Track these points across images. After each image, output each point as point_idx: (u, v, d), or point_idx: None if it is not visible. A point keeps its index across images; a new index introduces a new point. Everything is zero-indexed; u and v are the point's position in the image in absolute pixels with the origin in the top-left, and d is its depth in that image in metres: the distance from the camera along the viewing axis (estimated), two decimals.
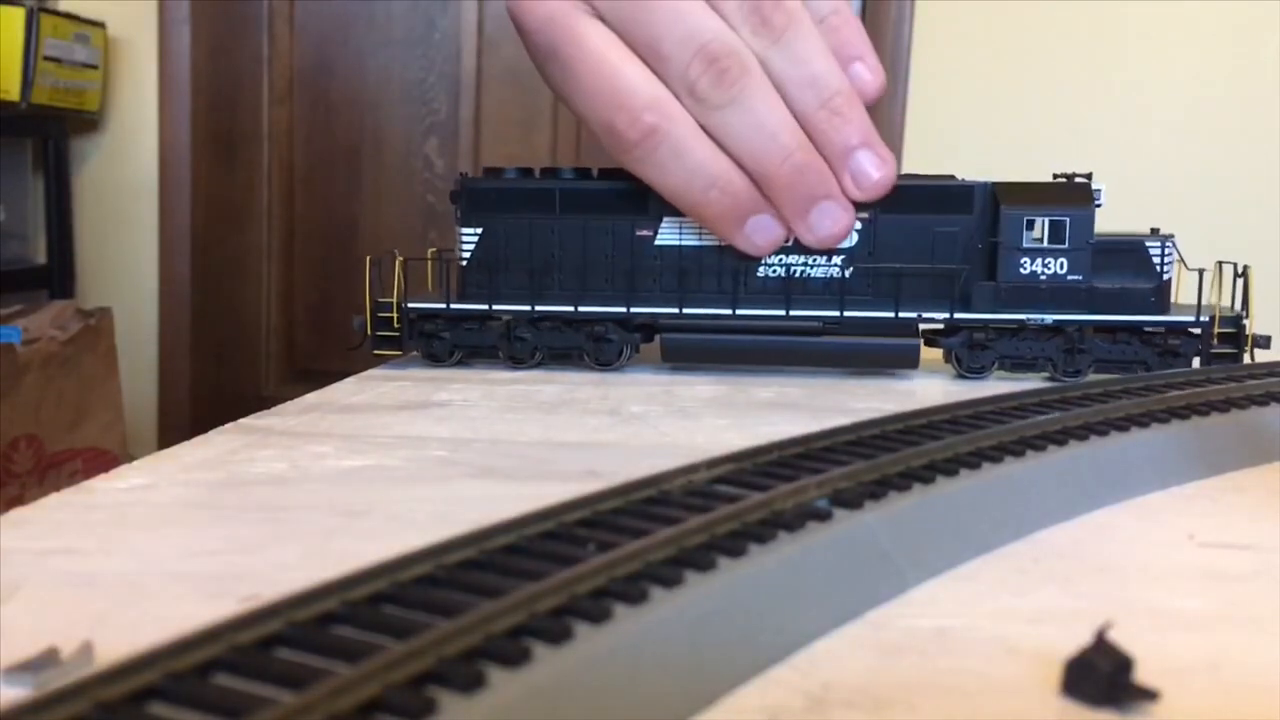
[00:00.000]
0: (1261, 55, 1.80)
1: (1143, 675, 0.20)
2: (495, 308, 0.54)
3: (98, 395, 1.65)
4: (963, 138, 1.78)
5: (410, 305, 0.54)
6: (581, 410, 0.44)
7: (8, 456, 1.49)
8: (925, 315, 0.52)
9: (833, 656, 0.22)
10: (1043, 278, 0.52)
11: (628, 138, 0.43)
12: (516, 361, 0.54)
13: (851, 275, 0.52)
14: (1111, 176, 1.93)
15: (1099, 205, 0.53)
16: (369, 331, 0.54)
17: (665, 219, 0.53)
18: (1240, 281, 0.52)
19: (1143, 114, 1.84)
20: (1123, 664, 0.20)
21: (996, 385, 0.49)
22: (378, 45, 2.04)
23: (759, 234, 0.48)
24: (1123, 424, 0.36)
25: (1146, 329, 0.52)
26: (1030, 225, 0.52)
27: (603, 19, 0.43)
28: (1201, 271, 0.52)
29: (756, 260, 0.52)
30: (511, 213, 0.54)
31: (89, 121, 1.99)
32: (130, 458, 0.52)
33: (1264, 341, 0.52)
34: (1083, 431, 0.35)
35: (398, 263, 0.56)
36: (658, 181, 0.45)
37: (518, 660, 0.18)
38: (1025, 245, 0.52)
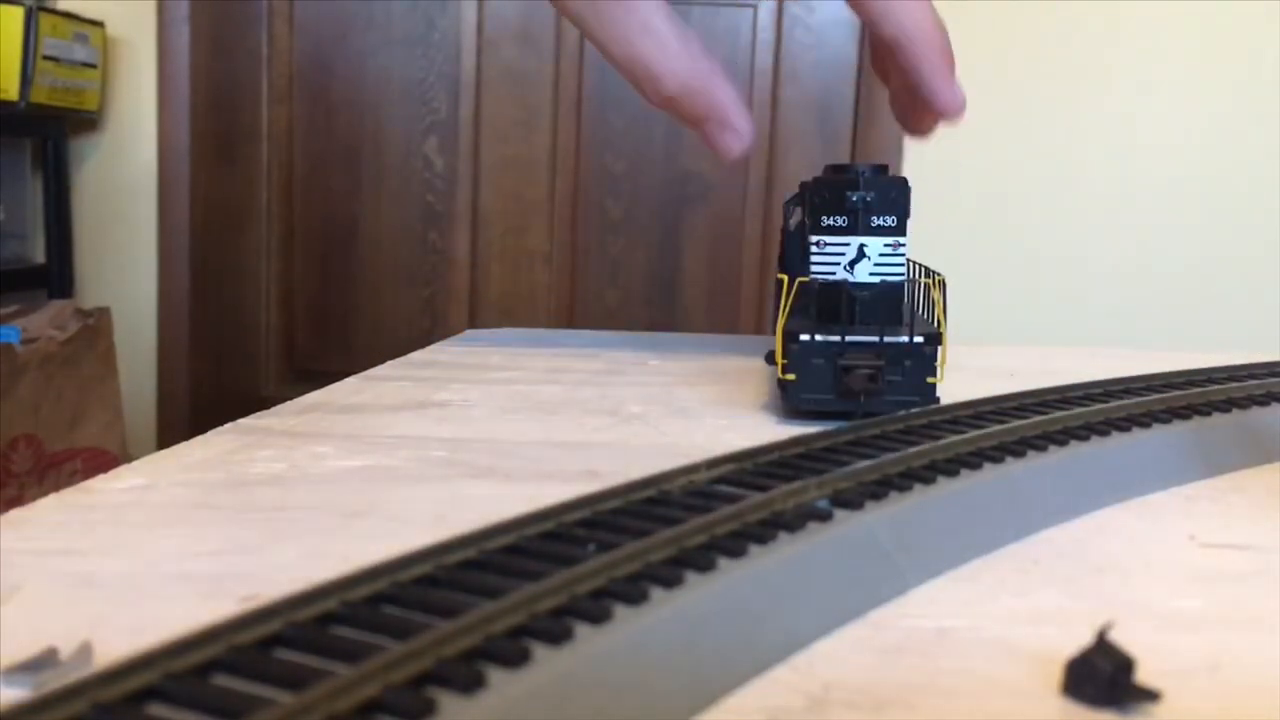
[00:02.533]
0: (1262, 56, 1.80)
1: (1143, 676, 0.20)
2: None
3: (97, 395, 1.65)
4: (961, 139, 1.78)
5: None
6: (581, 410, 0.44)
7: (7, 456, 1.49)
8: None
9: (833, 657, 0.22)
10: None
11: None
12: None
13: None
14: (1110, 177, 1.93)
15: None
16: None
17: None
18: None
19: (1143, 115, 1.84)
20: (1123, 664, 0.20)
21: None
22: (377, 45, 2.04)
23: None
24: (1123, 424, 0.36)
25: None
26: None
27: None
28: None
29: None
30: None
31: (88, 121, 1.99)
32: (129, 458, 0.52)
33: None
34: (1083, 431, 0.35)
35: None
36: (896, 17, 0.45)
37: (517, 661, 0.18)
38: None
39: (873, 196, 0.42)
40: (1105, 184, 1.84)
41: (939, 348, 0.41)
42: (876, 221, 0.42)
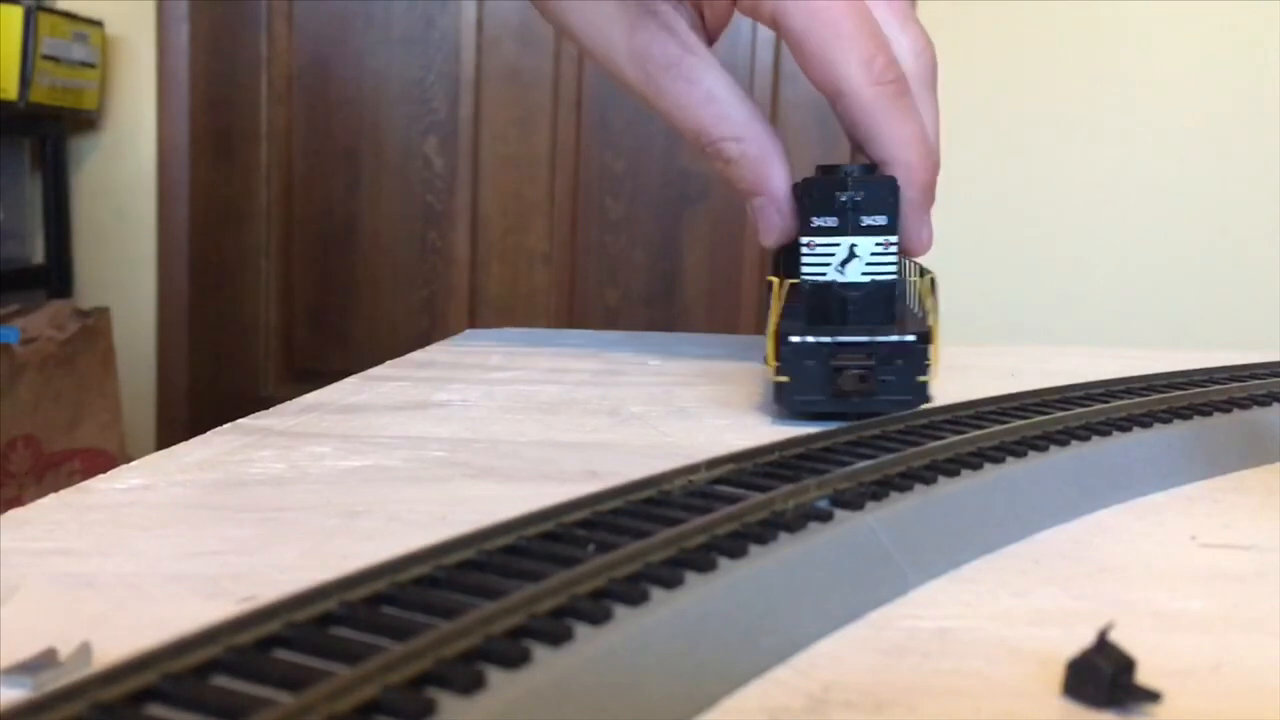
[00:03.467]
0: (1265, 56, 1.80)
1: (1144, 676, 0.20)
2: None
3: (95, 395, 1.65)
4: (964, 137, 1.78)
5: None
6: (581, 410, 0.44)
7: (5, 457, 1.49)
8: None
9: (834, 657, 0.22)
10: None
11: (886, 74, 0.45)
12: None
13: None
14: (1110, 177, 1.94)
15: None
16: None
17: None
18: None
19: (1143, 115, 1.84)
20: (1124, 665, 0.20)
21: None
22: (376, 44, 2.04)
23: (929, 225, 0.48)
24: (1124, 424, 0.36)
25: None
26: None
27: None
28: None
29: None
30: None
31: (87, 120, 1.99)
32: (128, 458, 0.52)
33: None
34: (1084, 431, 0.35)
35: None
36: (897, 124, 0.45)
37: (517, 662, 0.18)
38: None
39: (862, 196, 0.42)
40: (1106, 184, 1.85)
41: (930, 346, 0.41)
42: (867, 221, 0.42)
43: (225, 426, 0.40)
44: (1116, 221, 1.85)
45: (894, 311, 0.42)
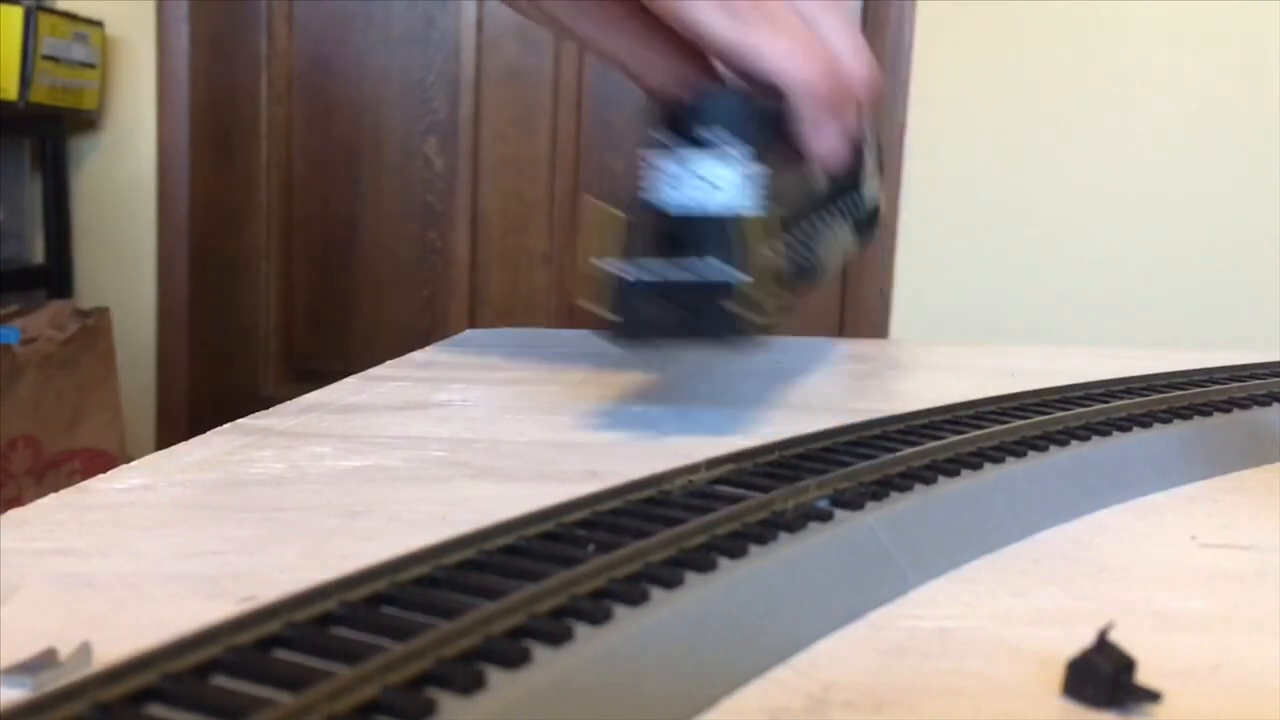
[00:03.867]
0: (1265, 56, 1.80)
1: (1144, 676, 0.20)
2: None
3: (96, 395, 1.65)
4: (964, 137, 1.78)
5: None
6: (581, 410, 0.44)
7: (6, 457, 1.49)
8: None
9: (834, 657, 0.22)
10: None
11: (739, 5, 0.39)
12: None
13: None
14: (1110, 177, 1.93)
15: None
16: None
17: None
18: None
19: (1143, 115, 1.84)
20: (1124, 665, 0.20)
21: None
22: (377, 44, 2.04)
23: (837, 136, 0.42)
24: (1124, 424, 0.36)
25: None
26: None
27: None
28: None
29: None
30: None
31: (87, 120, 1.99)
32: (128, 458, 0.52)
33: None
34: (1084, 431, 0.35)
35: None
36: (766, 41, 0.39)
37: (517, 661, 0.18)
38: None
39: (707, 110, 0.38)
40: (1106, 183, 1.84)
41: (748, 280, 0.37)
42: (707, 137, 0.38)
43: (225, 426, 0.40)
44: (1116, 221, 1.85)
45: (724, 240, 0.38)
